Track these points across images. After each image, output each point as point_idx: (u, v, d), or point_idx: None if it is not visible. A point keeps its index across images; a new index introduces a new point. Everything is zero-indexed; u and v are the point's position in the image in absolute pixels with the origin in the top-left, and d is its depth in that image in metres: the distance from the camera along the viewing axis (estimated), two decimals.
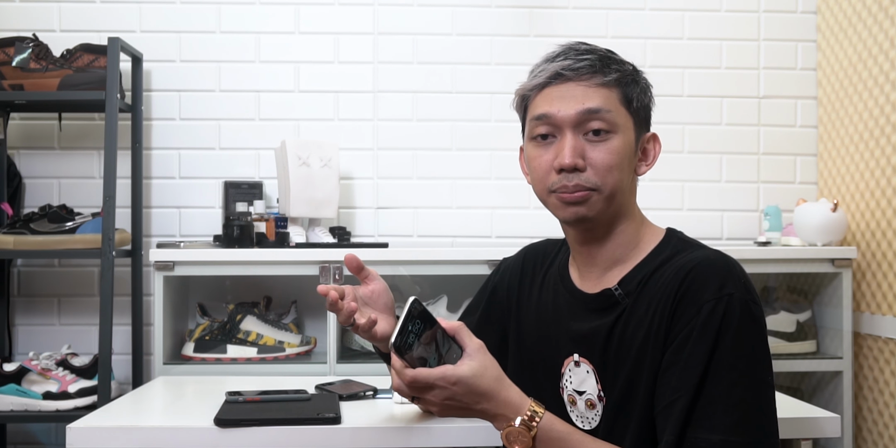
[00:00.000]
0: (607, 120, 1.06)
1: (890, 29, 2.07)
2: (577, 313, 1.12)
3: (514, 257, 1.31)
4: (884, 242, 2.10)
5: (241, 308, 2.14)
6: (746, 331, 0.98)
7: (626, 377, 1.04)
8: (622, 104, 1.08)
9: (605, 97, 1.06)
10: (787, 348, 2.16)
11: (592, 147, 1.06)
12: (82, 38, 2.23)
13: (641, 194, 1.16)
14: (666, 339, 1.00)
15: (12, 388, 2.01)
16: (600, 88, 1.07)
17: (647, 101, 1.13)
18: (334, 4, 2.39)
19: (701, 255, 1.04)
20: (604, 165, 1.05)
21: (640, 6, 2.41)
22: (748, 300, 0.99)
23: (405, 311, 0.94)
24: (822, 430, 1.39)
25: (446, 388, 0.95)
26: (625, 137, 1.08)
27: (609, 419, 1.06)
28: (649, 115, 1.14)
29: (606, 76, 1.07)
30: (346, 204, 2.37)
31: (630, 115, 1.09)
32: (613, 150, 1.06)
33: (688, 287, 1.00)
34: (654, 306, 1.03)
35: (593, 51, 1.09)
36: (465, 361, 0.97)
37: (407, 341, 0.94)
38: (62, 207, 2.09)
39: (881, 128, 2.10)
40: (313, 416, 1.32)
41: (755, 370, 0.98)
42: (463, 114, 2.39)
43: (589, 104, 1.06)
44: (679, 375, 0.97)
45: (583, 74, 1.07)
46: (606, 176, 1.06)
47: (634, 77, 1.11)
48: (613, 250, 1.11)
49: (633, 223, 1.12)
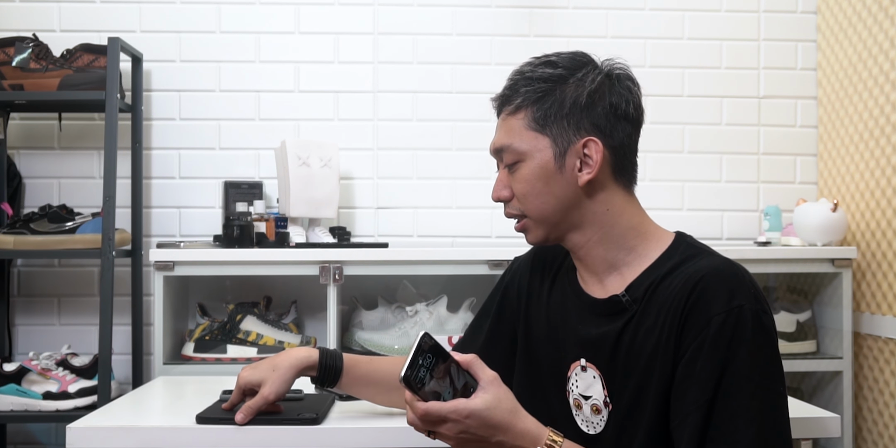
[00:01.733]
0: (512, 151, 1.10)
1: (890, 29, 2.07)
2: (584, 317, 1.12)
3: (525, 256, 1.31)
4: (884, 242, 2.10)
5: (241, 308, 2.14)
6: (759, 342, 0.97)
7: (634, 386, 1.03)
8: (529, 128, 1.08)
9: (508, 130, 1.11)
10: (787, 348, 2.16)
11: (511, 178, 1.11)
12: (82, 38, 2.23)
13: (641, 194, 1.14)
14: (677, 350, 1.00)
15: (12, 388, 2.01)
16: (509, 119, 1.11)
17: (567, 110, 1.07)
18: (334, 4, 2.39)
19: (710, 265, 1.03)
20: (519, 194, 1.11)
21: (640, 6, 2.41)
22: (758, 310, 0.98)
23: (414, 345, 0.94)
24: (822, 430, 1.39)
25: (459, 422, 0.95)
26: (535, 161, 1.08)
27: (616, 427, 1.06)
28: (584, 117, 1.07)
29: (511, 104, 1.10)
30: (346, 204, 2.37)
31: (542, 135, 1.08)
32: (522, 178, 1.09)
33: (697, 299, 0.99)
34: (663, 316, 1.02)
35: (515, 75, 1.12)
36: (479, 394, 0.97)
37: (418, 375, 0.93)
38: (62, 207, 2.09)
39: (881, 128, 2.10)
40: (293, 417, 1.32)
41: (770, 381, 0.97)
42: (463, 114, 2.39)
43: (496, 144, 1.13)
44: (694, 389, 0.97)
45: (501, 108, 1.13)
46: (525, 203, 1.10)
47: (549, 89, 1.08)
48: (603, 255, 1.10)
49: (615, 227, 1.09)
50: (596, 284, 1.12)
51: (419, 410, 0.95)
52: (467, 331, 1.35)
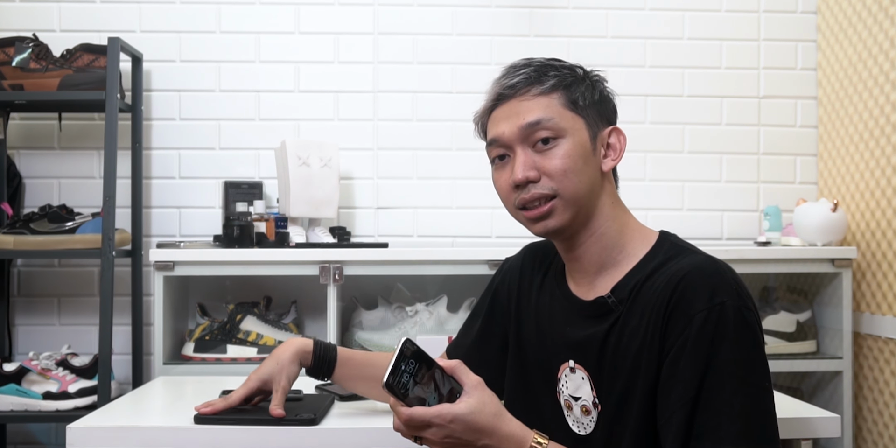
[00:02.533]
0: (551, 127, 1.07)
1: (890, 29, 2.07)
2: (572, 319, 1.13)
3: (516, 257, 1.31)
4: (884, 242, 2.10)
5: (241, 308, 2.14)
6: (741, 338, 0.97)
7: (622, 386, 1.04)
8: (566, 107, 1.09)
9: (545, 106, 1.08)
10: (787, 348, 2.16)
11: (543, 156, 1.07)
12: (82, 38, 2.23)
13: (641, 194, 1.16)
14: (661, 350, 1.00)
15: (12, 388, 2.01)
16: (539, 98, 1.09)
17: (598, 97, 1.12)
18: (334, 4, 2.39)
19: (691, 263, 1.03)
20: (557, 171, 1.06)
21: (640, 6, 2.41)
22: (740, 307, 0.98)
23: (396, 352, 0.94)
24: (822, 430, 1.39)
25: (444, 426, 0.95)
26: (575, 139, 1.08)
27: (605, 427, 1.06)
28: (606, 110, 1.13)
29: (543, 84, 1.09)
30: (346, 204, 2.37)
31: (578, 116, 1.09)
32: (564, 154, 1.07)
33: (679, 297, 0.99)
34: (647, 316, 1.02)
35: (530, 64, 1.12)
36: (463, 399, 0.98)
37: (401, 381, 0.93)
38: (62, 207, 2.09)
39: (881, 128, 2.11)
40: (291, 417, 1.32)
41: (754, 377, 0.97)
42: (463, 113, 2.38)
43: (528, 118, 1.08)
44: (678, 387, 0.97)
45: (520, 89, 1.10)
46: (563, 180, 1.06)
47: (575, 77, 1.11)
48: (598, 254, 1.11)
49: (614, 223, 1.11)
50: (585, 285, 1.13)
51: (403, 416, 0.95)
52: (459, 332, 1.35)
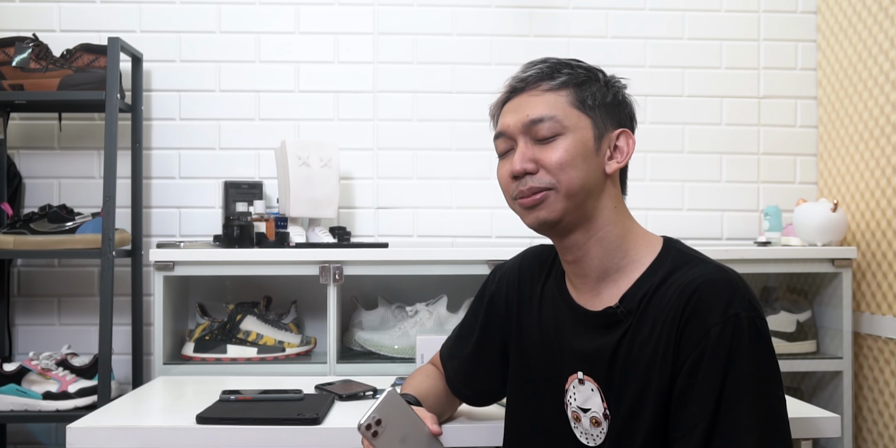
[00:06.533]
0: (556, 124, 1.08)
1: (890, 29, 2.07)
2: (579, 330, 1.12)
3: (510, 265, 1.30)
4: (884, 242, 2.10)
5: (241, 308, 2.14)
6: (757, 349, 0.98)
7: (632, 398, 1.03)
8: (573, 105, 1.09)
9: (551, 103, 1.09)
10: (787, 348, 2.16)
11: (542, 150, 1.08)
12: (82, 38, 2.23)
13: (641, 194, 1.15)
14: (675, 362, 1.00)
15: (12, 388, 2.01)
16: (547, 94, 1.09)
17: (611, 100, 1.12)
18: (334, 4, 2.39)
19: (703, 274, 1.03)
20: (555, 164, 1.07)
21: (640, 6, 2.41)
22: (754, 317, 0.98)
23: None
24: (822, 430, 1.39)
25: None
26: (577, 136, 1.08)
27: (614, 438, 1.06)
28: (619, 113, 1.13)
29: (554, 80, 1.10)
30: (346, 204, 2.37)
31: (584, 115, 1.09)
32: (563, 148, 1.07)
33: (693, 309, 0.99)
34: (659, 327, 1.02)
35: (547, 61, 1.13)
36: None
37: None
38: (62, 207, 2.09)
39: (881, 128, 2.10)
40: (293, 417, 1.32)
41: (769, 387, 0.98)
42: (463, 114, 2.39)
43: (532, 114, 1.09)
44: (696, 400, 0.97)
45: (531, 83, 1.11)
46: (559, 173, 1.07)
47: (589, 77, 1.12)
48: (601, 258, 1.10)
49: (616, 227, 1.10)
50: (588, 293, 1.12)
51: None
52: (451, 341, 1.34)
